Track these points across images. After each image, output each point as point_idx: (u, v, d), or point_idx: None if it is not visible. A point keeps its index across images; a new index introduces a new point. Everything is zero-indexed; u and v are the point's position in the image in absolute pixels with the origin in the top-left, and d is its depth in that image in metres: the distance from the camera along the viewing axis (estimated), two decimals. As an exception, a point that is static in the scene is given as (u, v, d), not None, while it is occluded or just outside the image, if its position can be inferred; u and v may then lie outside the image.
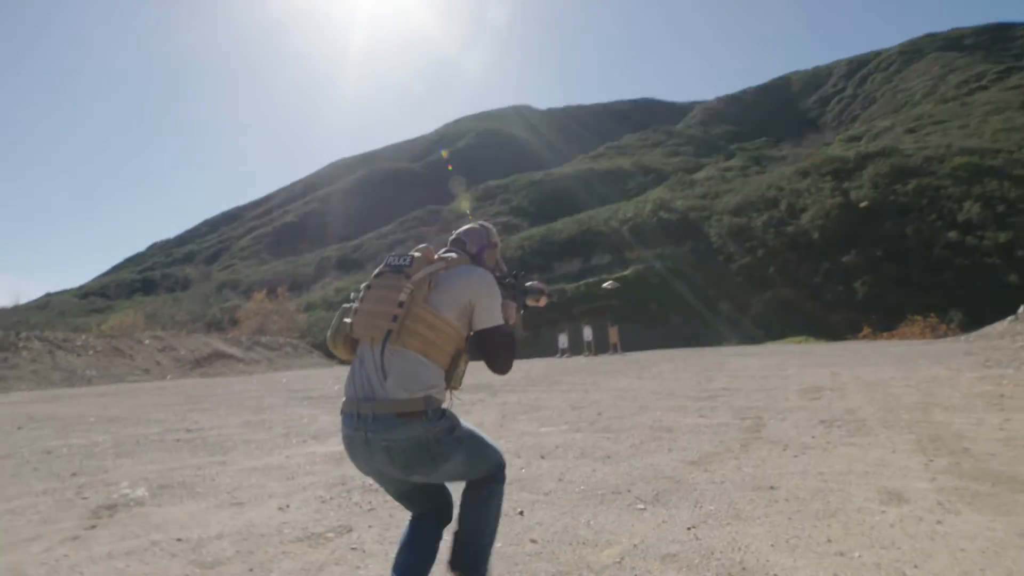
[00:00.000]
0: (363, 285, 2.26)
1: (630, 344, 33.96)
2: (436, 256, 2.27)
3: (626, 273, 52.44)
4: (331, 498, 4.23)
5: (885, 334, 30.72)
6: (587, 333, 27.97)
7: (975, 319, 28.58)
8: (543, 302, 2.62)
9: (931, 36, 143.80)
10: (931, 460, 4.48)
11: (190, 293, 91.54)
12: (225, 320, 60.10)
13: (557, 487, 4.22)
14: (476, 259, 2.38)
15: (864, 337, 31.21)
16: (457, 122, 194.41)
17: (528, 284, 2.59)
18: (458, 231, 2.47)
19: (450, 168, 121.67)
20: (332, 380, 18.15)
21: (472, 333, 2.21)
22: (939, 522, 3.14)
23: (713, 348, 29.42)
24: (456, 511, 2.33)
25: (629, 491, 4.01)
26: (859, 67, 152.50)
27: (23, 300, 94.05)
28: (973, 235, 40.05)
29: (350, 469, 5.18)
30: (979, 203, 42.08)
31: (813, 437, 5.63)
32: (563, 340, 28.24)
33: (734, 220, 51.28)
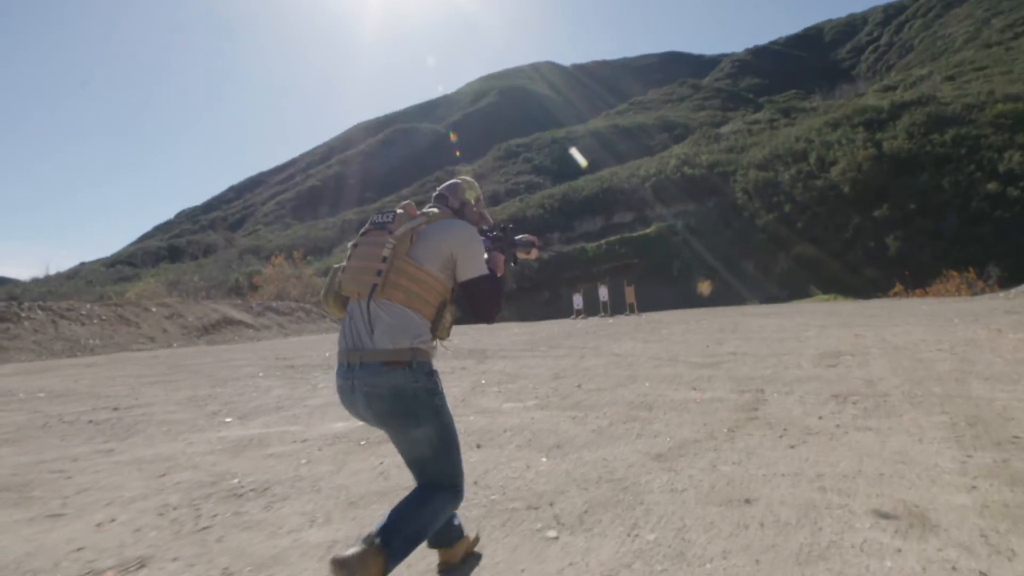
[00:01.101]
0: (350, 244, 2.30)
1: (649, 304, 32.83)
2: (418, 212, 2.30)
3: (648, 231, 51.04)
4: (174, 508, 3.27)
5: (918, 291, 29.12)
6: (603, 293, 26.77)
7: (1015, 275, 27.01)
8: (534, 254, 2.61)
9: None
10: (969, 456, 3.39)
11: (214, 259, 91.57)
12: (245, 286, 59.83)
13: (464, 496, 3.21)
14: (458, 213, 2.39)
15: (896, 295, 29.70)
16: (480, 80, 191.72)
17: (518, 237, 2.56)
18: (441, 187, 2.48)
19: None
20: (331, 345, 17.36)
21: (457, 284, 2.22)
22: (982, 575, 2.08)
23: (735, 308, 28.10)
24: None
25: (551, 505, 2.98)
26: (896, 14, 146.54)
27: (53, 270, 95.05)
28: (1015, 186, 37.80)
29: (240, 463, 4.26)
30: (1021, 152, 39.69)
31: (820, 418, 4.55)
32: (578, 301, 27.10)
33: (760, 174, 49.33)
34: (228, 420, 5.94)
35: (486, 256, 2.30)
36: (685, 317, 20.54)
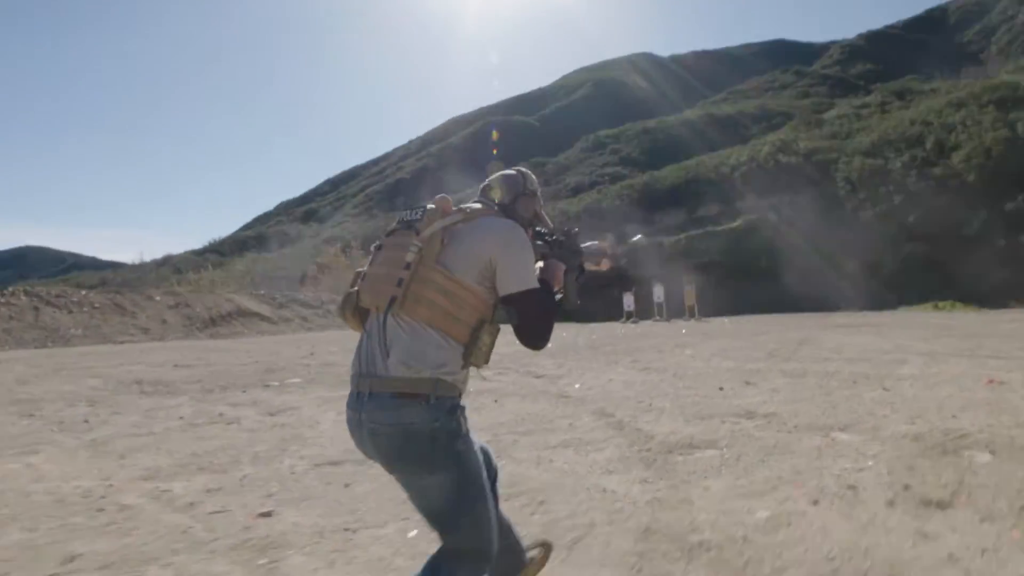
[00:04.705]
0: (374, 245, 1.91)
1: (731, 306, 28.73)
2: (455, 208, 1.88)
3: (735, 225, 46.02)
4: None
5: (1064, 301, 23.29)
6: (658, 293, 22.57)
7: None
8: (605, 266, 2.19)
9: None
10: None
11: (295, 249, 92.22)
12: (310, 276, 58.60)
13: None
14: (508, 210, 1.95)
15: (1034, 305, 23.94)
16: (575, 73, 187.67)
17: (586, 244, 2.11)
18: (490, 177, 2.01)
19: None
20: (307, 347, 14.25)
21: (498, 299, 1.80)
22: None
23: (822, 314, 23.11)
24: None
25: None
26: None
27: (147, 257, 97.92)
28: None
29: None
30: None
31: None
32: (628, 301, 23.01)
33: (867, 162, 43.21)
34: None
35: (540, 265, 1.96)
36: (747, 327, 16.17)
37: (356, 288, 1.88)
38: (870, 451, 3.64)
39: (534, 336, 1.77)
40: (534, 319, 1.75)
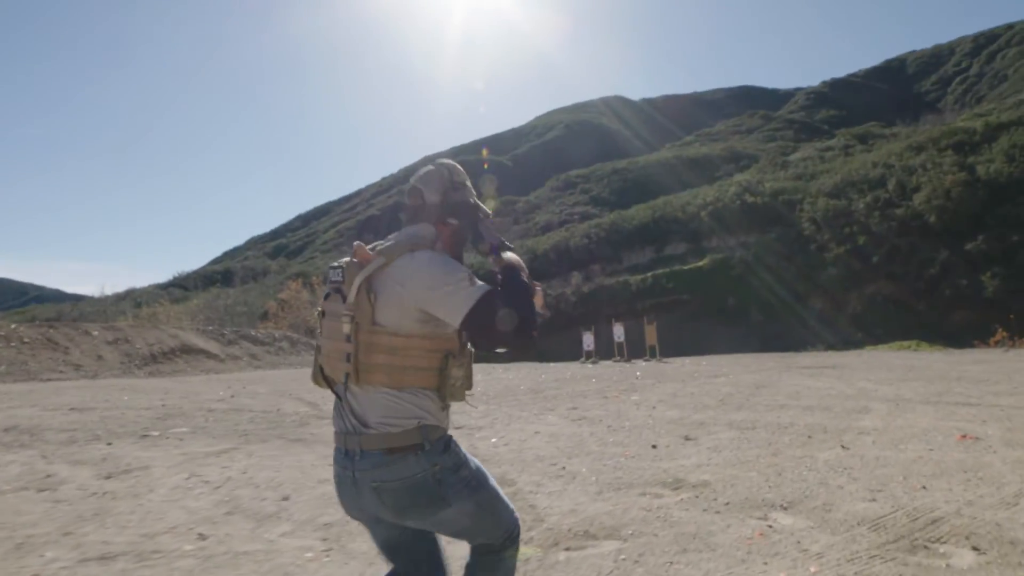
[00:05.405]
0: (318, 311, 1.82)
1: (697, 345, 28.16)
2: (374, 252, 1.72)
3: (701, 264, 45.80)
4: None
5: (1027, 340, 22.87)
6: (618, 332, 21.72)
7: None
8: (539, 302, 1.88)
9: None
10: None
11: (259, 284, 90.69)
12: (271, 312, 57.12)
13: None
14: (441, 209, 1.80)
15: (997, 344, 23.52)
16: (549, 114, 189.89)
17: None
18: (414, 179, 1.88)
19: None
20: (221, 391, 13.15)
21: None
22: None
23: (785, 355, 22.42)
24: None
25: None
26: (987, 43, 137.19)
27: (109, 291, 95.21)
28: None
29: None
30: None
31: None
32: (588, 341, 22.13)
33: (831, 203, 43.45)
34: None
35: (490, 249, 1.76)
36: (706, 368, 15.33)
37: (318, 362, 1.77)
38: (815, 547, 2.73)
39: (512, 339, 1.58)
40: (500, 328, 1.55)
